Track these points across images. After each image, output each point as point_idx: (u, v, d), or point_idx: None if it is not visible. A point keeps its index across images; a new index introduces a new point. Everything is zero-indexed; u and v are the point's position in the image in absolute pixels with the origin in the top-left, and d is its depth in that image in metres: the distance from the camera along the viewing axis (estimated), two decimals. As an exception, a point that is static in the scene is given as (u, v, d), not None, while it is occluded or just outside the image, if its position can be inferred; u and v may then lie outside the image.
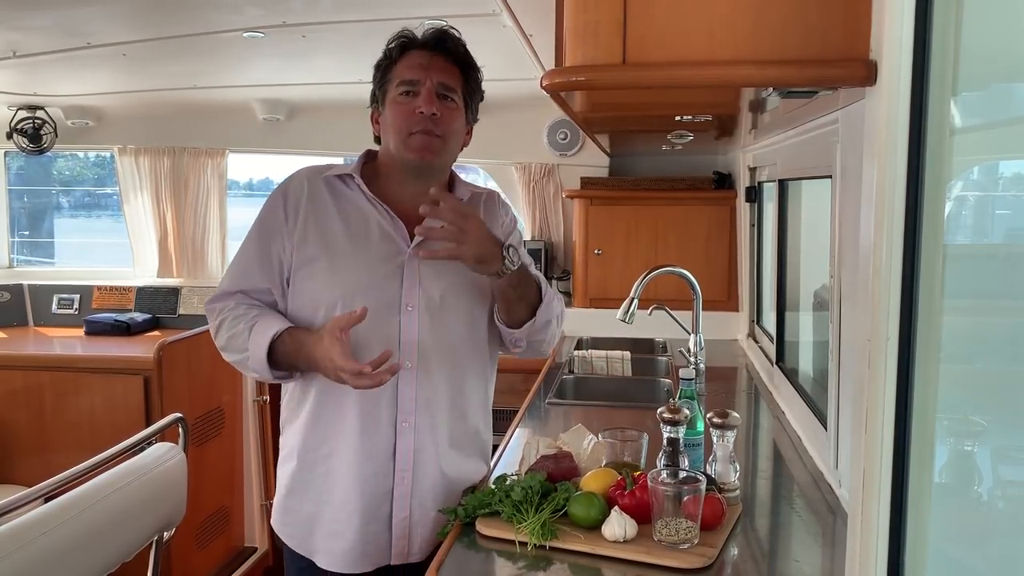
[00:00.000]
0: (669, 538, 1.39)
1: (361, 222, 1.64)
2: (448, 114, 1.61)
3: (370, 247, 1.62)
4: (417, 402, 1.62)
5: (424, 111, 1.57)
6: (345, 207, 1.65)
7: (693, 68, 1.16)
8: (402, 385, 1.60)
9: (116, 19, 2.61)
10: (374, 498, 1.61)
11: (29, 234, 4.82)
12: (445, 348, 1.64)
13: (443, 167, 1.70)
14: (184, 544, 3.07)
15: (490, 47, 1.67)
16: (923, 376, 0.94)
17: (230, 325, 1.63)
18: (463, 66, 1.65)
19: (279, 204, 1.65)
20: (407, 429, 1.61)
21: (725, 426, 1.60)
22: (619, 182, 3.73)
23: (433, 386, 1.63)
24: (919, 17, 0.90)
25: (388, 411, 1.60)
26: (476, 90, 1.69)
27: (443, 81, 1.60)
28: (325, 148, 4.17)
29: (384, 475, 1.61)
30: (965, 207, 1.01)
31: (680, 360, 2.82)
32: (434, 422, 1.63)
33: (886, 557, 0.96)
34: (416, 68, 1.60)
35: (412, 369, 1.61)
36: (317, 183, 1.66)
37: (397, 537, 1.62)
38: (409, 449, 1.61)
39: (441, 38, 1.63)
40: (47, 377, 3.32)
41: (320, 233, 1.62)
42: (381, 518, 1.62)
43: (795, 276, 2.60)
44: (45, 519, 1.45)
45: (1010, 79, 0.90)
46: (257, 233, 1.67)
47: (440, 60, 1.61)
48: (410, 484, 1.62)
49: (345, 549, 1.62)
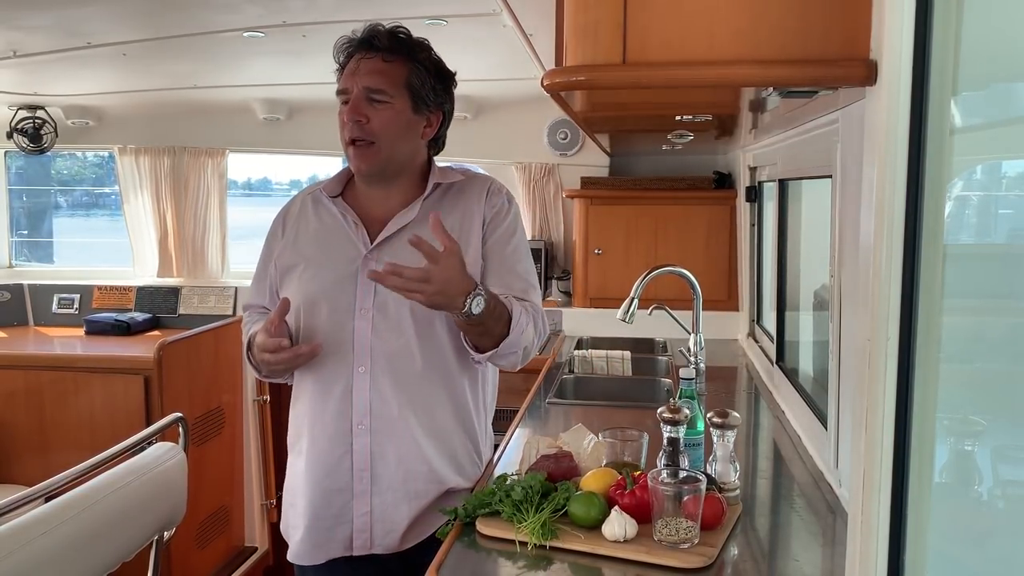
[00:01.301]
0: (669, 538, 1.39)
1: (332, 231, 1.71)
2: (377, 115, 1.62)
3: (332, 254, 1.69)
4: (371, 405, 1.64)
5: (347, 119, 1.62)
6: (323, 219, 1.73)
7: (693, 68, 1.16)
8: (356, 388, 1.64)
9: (116, 19, 2.61)
10: (328, 494, 1.67)
11: (28, 234, 4.81)
12: (401, 351, 1.64)
13: (394, 170, 1.68)
14: (184, 544, 3.08)
15: (490, 47, 1.67)
16: (923, 376, 0.94)
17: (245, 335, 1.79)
18: (404, 54, 1.64)
19: (278, 223, 1.79)
20: (363, 431, 1.65)
21: (725, 426, 1.59)
22: (619, 182, 3.72)
23: (388, 388, 1.64)
24: (919, 17, 0.90)
25: (342, 414, 1.65)
26: (423, 76, 1.65)
27: (368, 85, 1.61)
28: (325, 148, 4.17)
29: (340, 473, 1.66)
30: (965, 207, 1.01)
31: (680, 360, 2.82)
32: (393, 425, 1.65)
33: (886, 557, 0.96)
34: (347, 76, 1.65)
35: (365, 373, 1.64)
36: (307, 200, 1.77)
37: (358, 530, 1.67)
38: (365, 451, 1.65)
39: (368, 37, 1.64)
40: (47, 377, 3.32)
41: (298, 245, 1.73)
42: (337, 514, 1.67)
43: (795, 276, 2.60)
44: (45, 519, 1.45)
45: (1010, 79, 0.90)
46: (263, 250, 1.81)
47: (368, 63, 1.63)
48: (368, 483, 1.66)
49: (298, 540, 1.71)
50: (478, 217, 1.70)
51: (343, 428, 1.65)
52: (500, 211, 1.72)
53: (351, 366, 1.64)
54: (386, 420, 1.65)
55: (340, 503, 1.67)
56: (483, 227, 1.70)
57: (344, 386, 1.64)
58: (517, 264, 1.71)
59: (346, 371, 1.64)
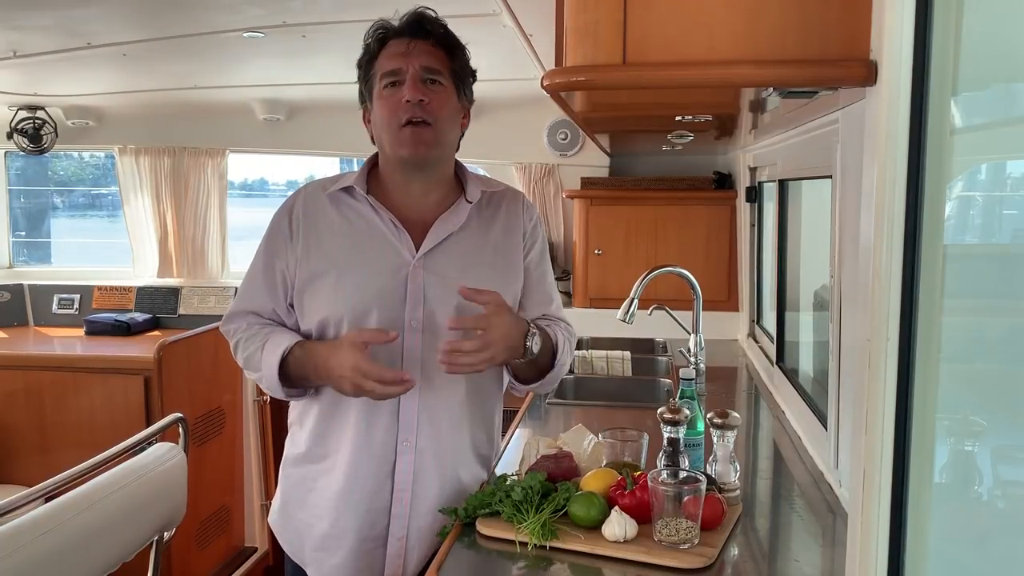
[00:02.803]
0: (669, 538, 1.39)
1: (365, 234, 1.59)
2: (437, 98, 1.54)
3: (373, 260, 1.57)
4: (419, 421, 1.58)
5: (410, 99, 1.51)
6: (351, 219, 1.61)
7: (693, 68, 1.16)
8: (404, 403, 1.57)
9: (116, 19, 2.61)
10: (369, 515, 1.58)
11: (26, 234, 4.81)
12: None
13: (442, 158, 1.62)
14: (184, 544, 3.08)
15: (490, 47, 1.67)
16: (923, 376, 0.94)
17: (245, 346, 1.62)
18: (446, 46, 1.58)
19: (284, 222, 1.62)
20: (407, 448, 1.57)
21: (725, 426, 1.59)
22: (619, 182, 3.73)
23: (436, 406, 1.59)
24: (919, 17, 0.90)
25: (389, 430, 1.57)
26: (465, 68, 1.62)
27: (426, 64, 1.54)
28: (325, 148, 4.17)
29: (382, 494, 1.58)
30: (965, 207, 1.01)
31: (680, 360, 2.82)
32: (437, 442, 1.59)
33: (886, 557, 0.96)
34: (397, 57, 1.54)
35: (415, 388, 1.55)
36: (321, 198, 1.62)
37: (391, 556, 1.59)
38: (409, 469, 1.57)
39: (418, 21, 1.56)
40: (47, 377, 3.32)
41: (323, 248, 1.59)
42: (376, 536, 1.59)
43: (795, 276, 2.60)
44: (45, 519, 1.45)
45: (1010, 79, 0.90)
46: (263, 253, 1.65)
47: (420, 44, 1.55)
48: (408, 504, 1.58)
49: (336, 564, 1.60)
50: (519, 230, 1.68)
51: (389, 446, 1.57)
52: (537, 225, 1.72)
53: None
54: (433, 439, 1.58)
55: (380, 526, 1.58)
56: (524, 237, 1.68)
57: (393, 400, 1.55)
58: (550, 277, 1.73)
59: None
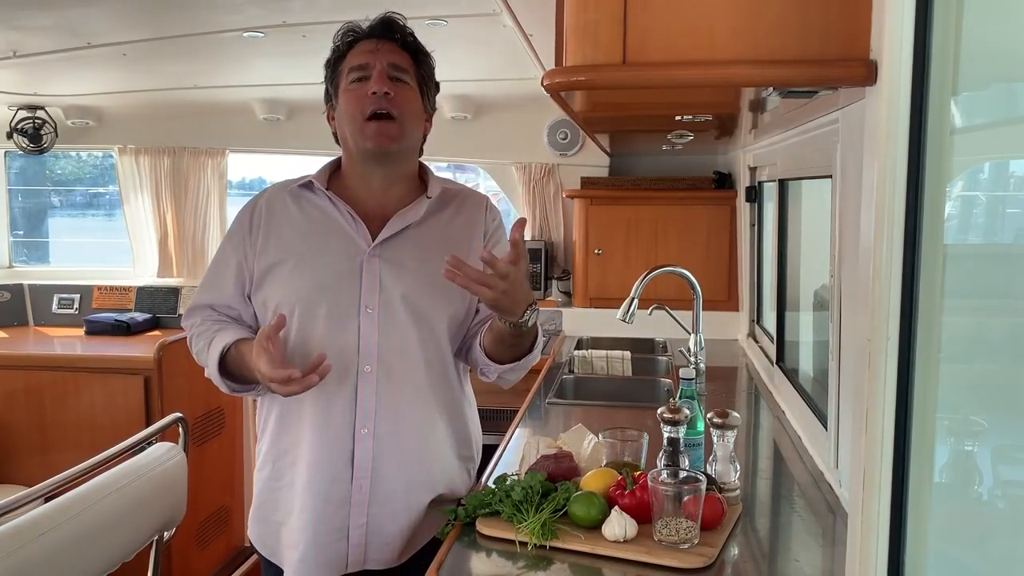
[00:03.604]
0: (669, 538, 1.39)
1: (323, 225, 1.62)
2: (402, 93, 1.57)
3: (328, 249, 1.59)
4: (377, 408, 1.57)
5: (376, 90, 1.54)
6: (310, 213, 1.64)
7: (693, 68, 1.16)
8: (361, 390, 1.56)
9: (116, 19, 2.61)
10: (329, 506, 1.57)
11: (24, 234, 4.81)
12: (407, 352, 1.59)
13: (404, 153, 1.64)
14: (184, 544, 3.08)
15: (490, 47, 1.67)
16: (923, 376, 0.94)
17: (195, 341, 1.65)
18: (412, 51, 1.63)
19: (245, 218, 1.66)
20: (365, 436, 1.57)
21: (725, 426, 1.59)
22: (619, 182, 3.73)
23: (395, 391, 1.58)
24: (919, 17, 0.90)
25: (345, 418, 1.57)
26: (430, 76, 1.66)
27: (394, 62, 1.57)
28: (325, 148, 4.12)
29: (341, 483, 1.57)
30: (966, 207, 1.01)
31: (680, 360, 2.82)
32: (397, 428, 1.59)
33: (886, 557, 0.96)
34: (365, 54, 1.58)
35: (371, 373, 1.56)
36: (282, 195, 1.66)
37: (353, 545, 1.59)
38: (367, 457, 1.57)
39: (388, 25, 1.61)
40: (47, 377, 3.32)
41: (281, 240, 1.62)
42: (337, 528, 1.58)
43: (795, 276, 2.60)
44: (45, 519, 1.45)
45: (1010, 79, 0.90)
46: (221, 249, 1.68)
47: (388, 44, 1.59)
48: (367, 492, 1.58)
49: (297, 559, 1.59)
50: (480, 227, 1.70)
51: (347, 433, 1.57)
52: (500, 227, 1.74)
53: (356, 366, 1.56)
54: (391, 424, 1.58)
55: (341, 516, 1.58)
56: (484, 237, 1.70)
57: (350, 388, 1.56)
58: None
59: (351, 372, 1.56)
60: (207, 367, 1.61)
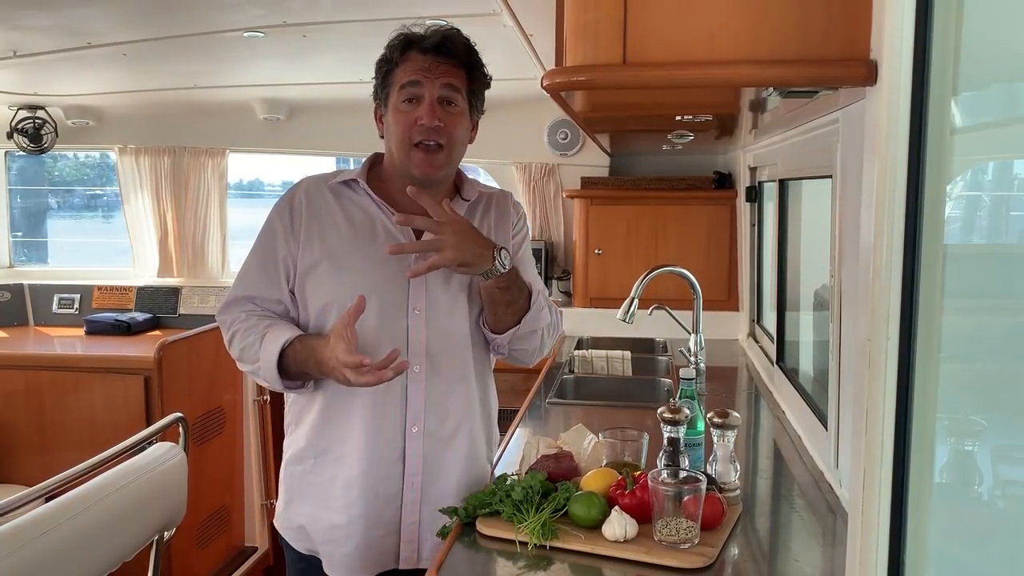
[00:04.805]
0: (669, 538, 1.39)
1: (366, 225, 1.63)
2: (451, 120, 1.58)
3: (375, 249, 1.60)
4: (427, 406, 1.60)
5: (426, 123, 1.55)
6: (350, 211, 1.64)
7: (693, 68, 1.16)
8: (411, 389, 1.59)
9: (116, 19, 2.61)
10: (379, 503, 1.60)
11: (23, 234, 4.82)
12: (454, 351, 1.63)
13: (447, 175, 1.67)
14: (184, 544, 3.07)
15: (490, 47, 1.66)
16: (923, 376, 0.94)
17: (242, 336, 1.61)
18: (467, 66, 1.61)
19: (284, 212, 1.64)
20: (416, 434, 1.60)
21: (725, 426, 1.60)
22: (619, 182, 3.73)
23: (443, 389, 1.62)
24: (919, 17, 0.90)
25: (397, 415, 1.59)
26: (481, 86, 1.66)
27: (446, 82, 1.57)
28: (325, 148, 4.17)
29: (392, 480, 1.60)
30: (966, 207, 1.01)
31: (680, 360, 2.82)
32: (445, 425, 1.62)
33: (886, 557, 0.96)
34: (418, 73, 1.57)
35: (421, 372, 1.59)
36: (322, 190, 1.65)
37: (406, 541, 1.62)
38: (418, 454, 1.60)
39: (443, 42, 1.58)
40: (47, 377, 3.32)
41: (324, 238, 1.61)
42: (387, 523, 1.61)
43: (795, 276, 2.60)
44: (45, 519, 1.45)
45: (1010, 79, 0.90)
46: (262, 241, 1.66)
47: (442, 66, 1.58)
48: (419, 489, 1.61)
49: (346, 553, 1.61)
50: (509, 222, 1.75)
51: (398, 432, 1.59)
52: (523, 219, 1.81)
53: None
54: (442, 423, 1.61)
55: (391, 511, 1.60)
56: (511, 228, 1.75)
57: (399, 387, 1.57)
58: (532, 268, 1.80)
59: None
60: (258, 362, 1.57)
